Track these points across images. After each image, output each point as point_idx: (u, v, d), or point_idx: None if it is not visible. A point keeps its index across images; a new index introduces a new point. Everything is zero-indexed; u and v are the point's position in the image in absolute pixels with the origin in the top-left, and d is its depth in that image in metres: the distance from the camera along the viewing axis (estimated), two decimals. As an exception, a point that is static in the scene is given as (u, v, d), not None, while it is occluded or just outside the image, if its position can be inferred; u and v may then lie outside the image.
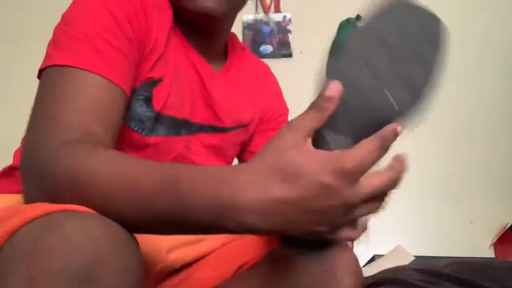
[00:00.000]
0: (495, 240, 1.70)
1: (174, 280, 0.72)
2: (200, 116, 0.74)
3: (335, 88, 0.43)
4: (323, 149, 0.42)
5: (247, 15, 1.80)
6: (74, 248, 0.35)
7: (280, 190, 0.39)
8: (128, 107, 0.64)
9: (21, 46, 1.86)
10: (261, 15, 1.80)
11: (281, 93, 0.91)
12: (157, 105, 0.66)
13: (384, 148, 0.42)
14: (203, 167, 0.44)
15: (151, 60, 0.64)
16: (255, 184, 0.40)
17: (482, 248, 1.73)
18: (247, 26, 1.80)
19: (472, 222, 1.73)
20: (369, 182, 0.41)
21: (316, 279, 0.63)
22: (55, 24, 0.62)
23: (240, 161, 0.90)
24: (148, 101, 0.65)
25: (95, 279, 0.34)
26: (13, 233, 0.37)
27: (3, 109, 1.84)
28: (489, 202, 1.72)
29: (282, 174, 0.40)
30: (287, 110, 0.91)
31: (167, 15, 0.68)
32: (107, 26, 0.58)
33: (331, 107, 0.42)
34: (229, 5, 0.66)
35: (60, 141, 0.48)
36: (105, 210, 0.42)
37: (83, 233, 0.36)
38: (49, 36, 0.62)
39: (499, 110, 1.72)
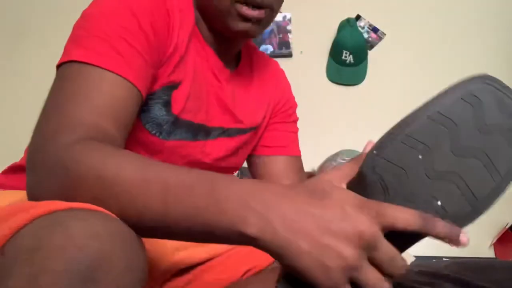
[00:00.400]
0: (495, 240, 1.70)
1: (180, 282, 0.72)
2: (219, 120, 0.75)
3: None
4: None
5: (247, 15, 1.80)
6: (77, 247, 0.34)
7: (305, 201, 0.39)
8: (146, 110, 0.64)
9: (21, 46, 1.86)
10: (261, 15, 1.80)
11: (290, 88, 0.93)
12: (175, 109, 0.66)
13: (421, 225, 0.38)
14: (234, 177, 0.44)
15: (171, 63, 0.64)
16: (284, 196, 0.40)
17: (482, 248, 1.73)
18: (247, 26, 1.80)
19: (472, 222, 1.72)
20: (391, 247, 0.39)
21: None
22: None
23: (249, 156, 0.90)
24: (167, 104, 0.66)
25: (98, 278, 0.34)
26: (17, 231, 0.37)
27: (5, 108, 1.84)
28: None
29: (311, 192, 0.41)
30: (295, 104, 0.92)
31: (189, 18, 0.68)
32: (128, 26, 0.58)
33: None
34: (264, 28, 0.70)
35: (75, 138, 0.48)
36: (127, 207, 0.42)
37: (86, 231, 0.36)
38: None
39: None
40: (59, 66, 0.57)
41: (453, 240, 0.39)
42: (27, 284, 0.33)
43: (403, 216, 0.38)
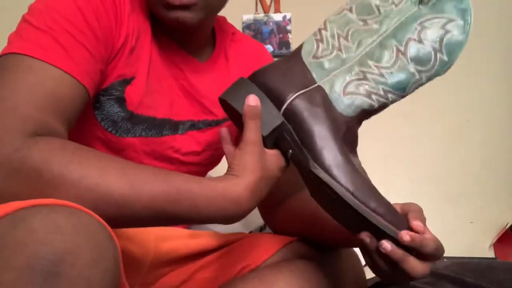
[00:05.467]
0: (495, 240, 1.70)
1: (175, 281, 0.72)
2: (188, 113, 0.71)
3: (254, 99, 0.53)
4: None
5: (247, 15, 1.80)
6: (39, 242, 0.34)
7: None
8: (99, 107, 0.62)
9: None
10: (261, 15, 1.80)
11: None
12: (130, 105, 0.64)
13: None
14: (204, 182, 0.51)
15: (122, 57, 0.62)
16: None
17: (482, 248, 1.73)
18: (247, 26, 1.80)
19: (472, 222, 1.72)
20: None
21: (319, 283, 0.63)
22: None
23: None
24: (120, 101, 0.63)
25: (62, 272, 0.34)
26: None
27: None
28: (489, 202, 1.72)
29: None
30: None
31: (141, 7, 0.65)
32: (73, 20, 0.56)
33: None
34: (204, 13, 0.63)
35: (28, 135, 0.46)
36: (117, 212, 0.45)
37: (49, 226, 0.36)
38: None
39: (499, 110, 1.72)
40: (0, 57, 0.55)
41: None
42: None
43: None
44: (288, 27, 1.79)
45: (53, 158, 0.44)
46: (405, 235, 0.48)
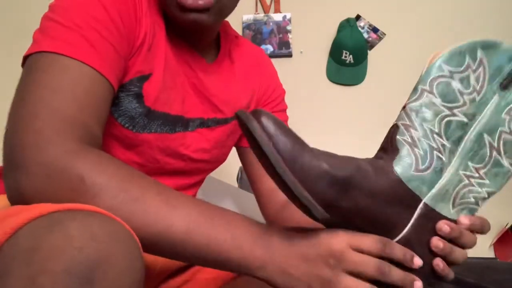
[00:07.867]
0: (495, 240, 1.70)
1: (177, 281, 0.72)
2: (198, 111, 0.72)
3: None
4: None
5: (247, 15, 1.80)
6: (76, 248, 0.35)
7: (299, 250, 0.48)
8: (117, 103, 0.63)
9: (21, 46, 1.85)
10: (261, 15, 1.80)
11: (276, 75, 0.89)
12: (148, 100, 0.64)
13: (381, 248, 0.46)
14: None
15: (140, 54, 0.63)
16: (283, 244, 0.49)
17: (482, 248, 1.73)
18: (247, 26, 1.80)
19: (472, 222, 1.72)
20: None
21: None
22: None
23: (239, 148, 0.88)
24: (138, 96, 0.64)
25: (96, 279, 0.34)
26: (15, 232, 0.37)
27: (5, 107, 1.84)
28: (489, 202, 1.72)
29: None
30: (283, 91, 0.89)
31: (156, 9, 0.66)
32: (98, 17, 0.56)
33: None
34: (218, 15, 0.64)
35: (75, 140, 0.48)
36: (150, 225, 0.46)
37: (85, 232, 0.36)
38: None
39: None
40: (27, 56, 0.55)
41: (408, 262, 0.47)
42: (26, 284, 0.33)
43: (367, 240, 0.46)
44: (288, 27, 1.79)
45: (98, 168, 0.46)
46: (465, 219, 0.52)
